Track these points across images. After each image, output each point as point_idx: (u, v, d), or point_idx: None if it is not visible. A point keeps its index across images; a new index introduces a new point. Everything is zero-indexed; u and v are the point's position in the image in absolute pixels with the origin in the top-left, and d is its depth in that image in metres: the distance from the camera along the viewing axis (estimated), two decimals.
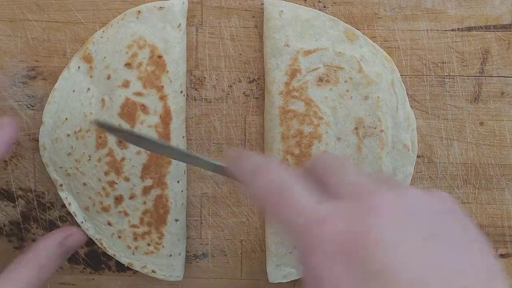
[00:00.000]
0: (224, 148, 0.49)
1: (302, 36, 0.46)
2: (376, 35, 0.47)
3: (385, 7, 0.46)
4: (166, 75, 0.46)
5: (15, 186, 0.49)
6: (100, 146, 0.47)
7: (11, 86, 0.48)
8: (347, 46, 0.46)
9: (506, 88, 0.47)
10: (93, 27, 0.47)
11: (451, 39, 0.47)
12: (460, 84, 0.47)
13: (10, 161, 0.49)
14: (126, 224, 0.49)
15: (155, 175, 0.47)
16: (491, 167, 0.49)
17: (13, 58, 0.47)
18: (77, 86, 0.46)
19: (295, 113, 0.47)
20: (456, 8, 0.46)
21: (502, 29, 0.46)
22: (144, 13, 0.45)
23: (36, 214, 0.50)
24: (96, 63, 0.46)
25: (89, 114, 0.46)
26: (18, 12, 0.46)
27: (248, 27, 0.47)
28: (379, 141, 0.47)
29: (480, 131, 0.48)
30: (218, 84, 0.48)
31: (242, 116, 0.49)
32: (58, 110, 0.47)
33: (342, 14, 0.46)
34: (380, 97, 0.46)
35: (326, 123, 0.47)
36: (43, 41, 0.47)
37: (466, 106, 0.48)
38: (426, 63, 0.47)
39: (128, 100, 0.46)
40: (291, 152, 0.47)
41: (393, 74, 0.47)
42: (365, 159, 0.47)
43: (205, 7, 0.47)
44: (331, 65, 0.46)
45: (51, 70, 0.47)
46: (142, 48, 0.45)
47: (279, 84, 0.46)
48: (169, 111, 0.46)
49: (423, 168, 0.49)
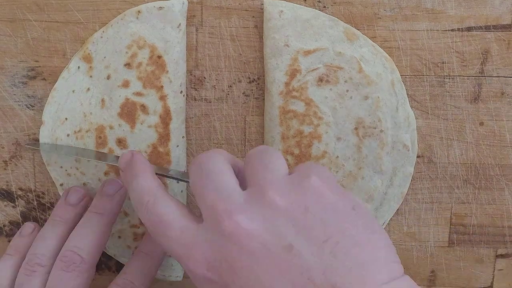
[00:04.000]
0: (224, 148, 0.49)
1: (302, 36, 0.46)
2: (376, 35, 0.47)
3: (385, 7, 0.46)
4: (166, 75, 0.46)
5: (15, 186, 0.49)
6: (100, 146, 0.47)
7: (11, 86, 0.48)
8: (347, 46, 0.46)
9: (506, 88, 0.47)
10: (93, 27, 0.46)
11: (451, 39, 0.47)
12: (460, 84, 0.47)
13: (10, 161, 0.49)
14: (126, 224, 0.49)
15: None
16: (491, 167, 0.49)
17: (13, 58, 0.47)
18: (77, 86, 0.46)
19: (295, 113, 0.47)
20: (456, 8, 0.46)
21: (502, 29, 0.46)
22: (144, 13, 0.45)
23: (36, 214, 0.50)
24: (96, 63, 0.46)
25: (89, 114, 0.46)
26: (18, 12, 0.46)
27: (248, 27, 0.47)
28: (379, 141, 0.47)
29: (480, 131, 0.48)
30: (218, 84, 0.48)
31: (242, 116, 0.49)
32: (58, 110, 0.47)
33: (342, 14, 0.46)
34: (380, 97, 0.46)
35: (326, 123, 0.47)
36: (43, 41, 0.47)
37: (466, 106, 0.48)
38: (426, 63, 0.47)
39: (128, 100, 0.46)
40: (291, 152, 0.47)
41: (393, 74, 0.47)
42: (365, 159, 0.47)
43: (205, 7, 0.47)
44: (331, 65, 0.46)
45: (51, 70, 0.47)
46: (142, 48, 0.45)
47: (279, 84, 0.46)
48: (168, 111, 0.46)
49: (423, 168, 0.49)
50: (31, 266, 0.42)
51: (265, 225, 0.32)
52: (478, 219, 0.50)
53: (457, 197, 0.49)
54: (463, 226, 0.50)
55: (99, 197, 0.45)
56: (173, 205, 0.36)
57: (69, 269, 0.41)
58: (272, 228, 0.32)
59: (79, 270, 0.42)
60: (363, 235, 0.32)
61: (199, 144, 0.49)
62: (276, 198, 0.33)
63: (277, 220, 0.32)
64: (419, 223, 0.50)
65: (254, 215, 0.32)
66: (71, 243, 0.43)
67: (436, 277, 0.51)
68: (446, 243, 0.50)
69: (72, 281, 0.41)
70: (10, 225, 0.50)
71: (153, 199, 0.36)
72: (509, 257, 0.51)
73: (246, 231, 0.32)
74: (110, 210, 0.45)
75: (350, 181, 0.48)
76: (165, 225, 0.35)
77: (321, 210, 0.32)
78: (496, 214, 0.50)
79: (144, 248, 0.46)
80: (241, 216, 0.32)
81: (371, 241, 0.32)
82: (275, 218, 0.32)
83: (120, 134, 0.46)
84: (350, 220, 0.32)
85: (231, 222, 0.32)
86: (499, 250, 0.51)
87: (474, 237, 0.50)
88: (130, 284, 0.43)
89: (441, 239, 0.50)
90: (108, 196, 0.45)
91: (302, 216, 0.32)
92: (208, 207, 0.33)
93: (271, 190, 0.33)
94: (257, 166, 0.35)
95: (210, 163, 0.36)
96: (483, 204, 0.50)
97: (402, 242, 0.50)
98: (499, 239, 0.50)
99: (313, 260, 0.31)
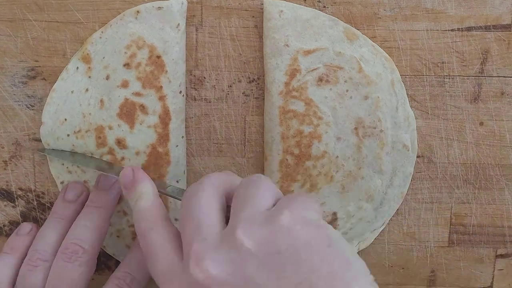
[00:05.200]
0: (224, 148, 0.49)
1: (302, 36, 0.46)
2: (376, 35, 0.47)
3: (385, 7, 0.46)
4: (165, 75, 0.46)
5: (15, 186, 0.50)
6: (100, 146, 0.47)
7: (11, 86, 0.48)
8: (347, 46, 0.46)
9: (506, 88, 0.47)
10: (93, 27, 0.46)
11: (451, 39, 0.47)
12: (460, 84, 0.47)
13: (10, 161, 0.49)
14: (124, 224, 0.49)
15: (154, 175, 0.47)
16: (491, 167, 0.49)
17: (13, 58, 0.47)
18: (76, 87, 0.46)
19: (295, 113, 0.47)
20: (456, 8, 0.46)
21: (502, 29, 0.46)
22: (143, 13, 0.45)
23: (36, 214, 0.50)
24: (95, 64, 0.46)
25: (88, 114, 0.46)
26: (18, 12, 0.46)
27: (248, 27, 0.47)
28: (379, 141, 0.47)
29: (480, 131, 0.48)
30: (218, 84, 0.48)
31: (242, 116, 0.49)
32: (57, 111, 0.47)
33: (342, 14, 0.46)
34: (380, 97, 0.46)
35: (326, 123, 0.47)
36: (43, 41, 0.47)
37: (466, 106, 0.48)
38: (426, 63, 0.47)
39: (127, 100, 0.46)
40: (291, 152, 0.47)
41: (393, 74, 0.47)
42: (365, 159, 0.47)
43: (205, 7, 0.47)
44: (331, 65, 0.46)
45: (51, 70, 0.47)
46: (141, 48, 0.45)
47: (279, 84, 0.46)
48: (168, 111, 0.46)
49: (423, 168, 0.49)
50: (33, 261, 0.42)
51: (235, 270, 0.31)
52: (478, 219, 0.50)
53: (457, 197, 0.49)
54: (463, 226, 0.50)
55: (96, 191, 0.46)
56: (166, 236, 0.36)
57: (71, 260, 0.42)
58: (242, 272, 0.31)
59: (81, 260, 0.42)
60: (338, 273, 0.30)
61: (199, 144, 0.49)
62: (244, 239, 0.31)
63: (247, 263, 0.31)
64: (419, 223, 0.50)
65: (223, 259, 0.32)
66: (72, 235, 0.43)
67: (436, 277, 0.51)
68: (446, 243, 0.50)
69: (74, 271, 0.42)
70: (10, 225, 0.50)
71: (150, 227, 0.37)
72: (509, 257, 0.51)
73: (213, 277, 0.31)
74: (107, 203, 0.45)
75: (350, 181, 0.48)
76: (154, 256, 0.36)
77: (294, 250, 0.31)
78: (496, 214, 0.50)
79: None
80: (209, 262, 0.31)
81: (347, 278, 0.30)
82: (244, 261, 0.31)
83: (120, 134, 0.46)
84: (325, 259, 0.31)
85: (200, 268, 0.32)
86: (499, 250, 0.51)
87: (474, 237, 0.50)
88: (129, 276, 0.43)
89: (441, 239, 0.50)
90: (104, 190, 0.45)
91: (273, 258, 0.31)
92: (186, 244, 0.34)
93: (241, 230, 0.32)
94: (239, 201, 0.35)
95: (194, 199, 0.35)
96: (483, 204, 0.50)
97: (402, 242, 0.50)
98: (499, 239, 0.50)
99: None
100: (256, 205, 0.34)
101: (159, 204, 0.39)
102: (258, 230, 0.32)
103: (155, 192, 0.40)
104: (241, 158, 0.49)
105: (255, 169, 0.49)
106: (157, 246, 0.36)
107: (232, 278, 0.31)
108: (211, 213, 0.35)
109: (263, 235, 0.32)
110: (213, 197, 0.36)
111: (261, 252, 0.31)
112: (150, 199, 0.39)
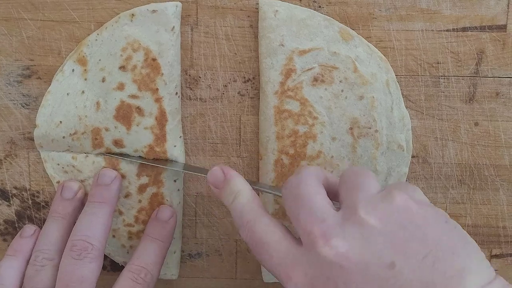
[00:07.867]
0: (219, 148, 0.49)
1: (297, 36, 0.46)
2: (371, 35, 0.47)
3: (380, 7, 0.46)
4: (161, 77, 0.45)
5: (10, 185, 0.50)
6: (97, 146, 0.47)
7: (6, 85, 0.48)
8: (342, 46, 0.46)
9: (501, 88, 0.47)
10: (88, 26, 0.46)
11: (446, 40, 0.47)
12: (455, 85, 0.47)
13: (5, 160, 0.49)
14: (120, 223, 0.49)
15: (151, 172, 0.47)
16: (485, 168, 0.49)
17: (8, 57, 0.47)
18: (71, 89, 0.46)
19: (290, 113, 0.47)
20: (451, 9, 0.46)
21: (497, 29, 0.46)
22: (138, 16, 0.45)
23: (31, 213, 0.50)
24: (91, 66, 0.46)
25: (84, 117, 0.46)
26: (13, 11, 0.46)
27: (243, 27, 0.47)
28: (374, 141, 0.47)
29: (475, 131, 0.48)
30: (213, 83, 0.48)
31: (237, 115, 0.49)
32: (52, 113, 0.47)
33: (337, 14, 0.46)
34: (375, 97, 0.46)
35: (321, 123, 0.47)
36: (38, 40, 0.47)
37: (461, 106, 0.48)
38: (421, 63, 0.47)
39: (123, 103, 0.46)
40: (286, 151, 0.47)
41: (388, 74, 0.47)
42: (359, 159, 0.47)
43: (200, 7, 0.47)
44: (326, 65, 0.46)
45: (46, 69, 0.47)
46: (137, 51, 0.45)
47: (274, 83, 0.46)
48: (164, 113, 0.46)
49: (417, 168, 0.49)
50: (39, 261, 0.43)
51: (363, 246, 0.32)
52: (473, 219, 0.50)
53: (452, 197, 0.50)
54: None
55: (96, 187, 0.46)
56: (273, 226, 0.37)
57: (80, 257, 0.42)
58: (370, 247, 0.32)
59: (90, 256, 0.42)
60: (459, 244, 0.33)
61: (194, 143, 0.49)
62: (370, 218, 0.33)
63: (374, 239, 0.32)
64: None
65: (350, 236, 0.33)
66: (78, 232, 0.43)
67: None
68: None
69: (85, 268, 0.42)
70: (5, 224, 0.50)
71: (254, 219, 0.37)
72: (503, 257, 0.51)
73: (344, 253, 0.32)
74: (109, 198, 0.45)
75: None
76: (267, 246, 0.36)
77: (416, 226, 0.33)
78: (491, 214, 0.50)
79: (151, 232, 0.46)
80: (337, 239, 0.33)
81: (466, 250, 0.33)
82: (372, 237, 0.32)
83: (116, 135, 0.46)
84: (445, 232, 0.33)
85: (329, 246, 0.32)
86: (494, 251, 0.51)
87: None
88: (144, 270, 0.43)
89: None
90: (105, 185, 0.45)
91: (398, 233, 0.32)
92: (305, 231, 0.34)
93: (362, 209, 0.33)
94: (350, 187, 0.36)
95: (301, 187, 0.36)
96: (478, 204, 0.50)
97: None
98: (493, 239, 0.50)
99: (414, 277, 0.31)
100: (369, 188, 0.35)
101: (257, 198, 0.40)
102: (380, 208, 0.33)
103: (250, 187, 0.41)
104: (236, 157, 0.49)
105: (250, 169, 0.49)
106: (269, 237, 0.36)
107: (363, 253, 0.32)
108: (322, 198, 0.36)
109: (385, 213, 0.33)
110: (319, 182, 0.37)
111: (386, 228, 0.33)
112: (248, 195, 0.40)
